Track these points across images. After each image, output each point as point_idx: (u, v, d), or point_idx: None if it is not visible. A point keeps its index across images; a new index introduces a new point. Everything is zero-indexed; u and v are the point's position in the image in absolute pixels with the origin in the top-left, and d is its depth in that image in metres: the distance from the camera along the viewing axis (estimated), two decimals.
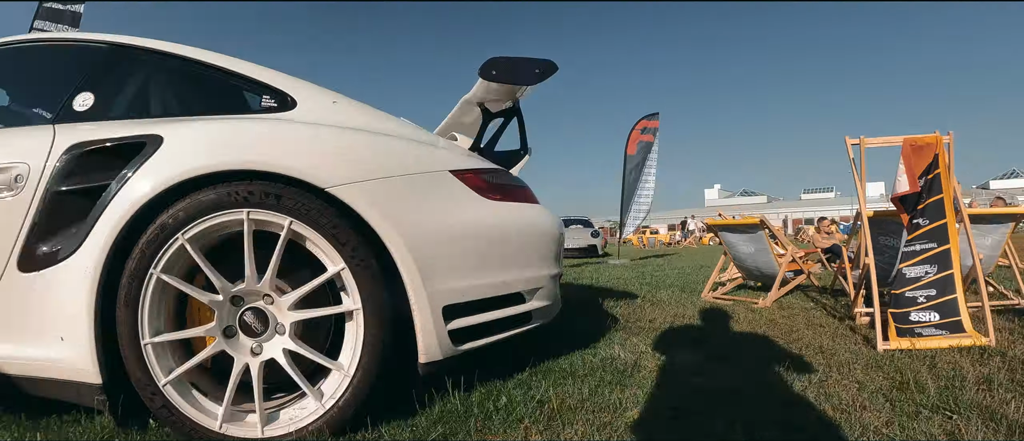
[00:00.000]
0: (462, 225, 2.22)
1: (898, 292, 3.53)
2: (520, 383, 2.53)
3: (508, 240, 2.37)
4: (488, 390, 2.39)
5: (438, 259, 2.09)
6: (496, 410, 2.15)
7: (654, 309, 4.87)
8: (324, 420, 1.90)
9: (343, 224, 1.93)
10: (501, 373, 2.63)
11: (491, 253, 2.30)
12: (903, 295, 3.50)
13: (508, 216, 2.41)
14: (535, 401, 2.26)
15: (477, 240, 2.25)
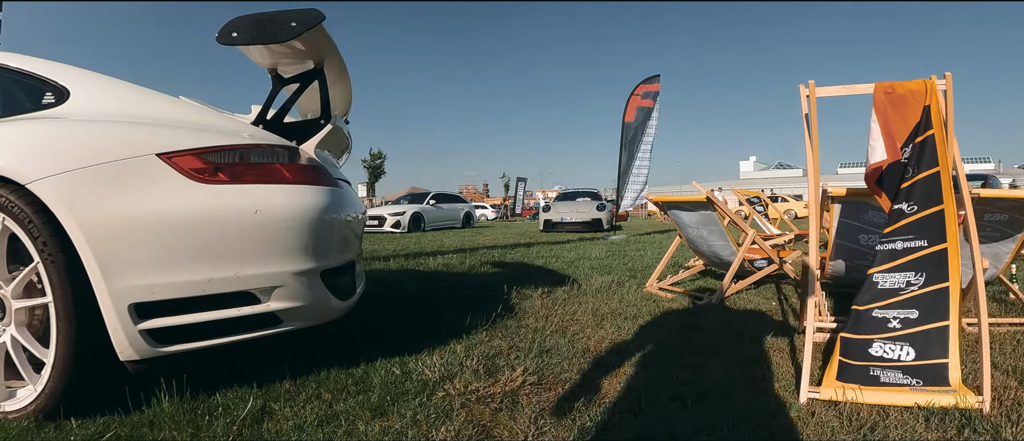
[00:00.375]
0: (157, 215, 2.11)
1: (861, 308, 2.52)
2: (277, 393, 2.41)
3: (223, 231, 2.19)
4: (231, 398, 2.33)
5: (122, 253, 2.05)
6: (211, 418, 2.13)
7: (561, 304, 4.30)
8: (36, 404, 2.09)
9: (38, 219, 2.03)
10: (269, 377, 2.57)
11: (195, 246, 2.15)
12: (867, 314, 2.49)
13: (228, 202, 2.22)
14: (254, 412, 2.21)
15: (175, 232, 2.12)
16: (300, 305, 2.38)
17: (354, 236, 2.92)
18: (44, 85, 2.53)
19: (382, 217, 18.38)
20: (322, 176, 2.56)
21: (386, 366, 2.70)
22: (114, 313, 2.03)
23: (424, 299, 4.53)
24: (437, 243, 11.83)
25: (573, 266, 6.75)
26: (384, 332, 3.40)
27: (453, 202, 22.28)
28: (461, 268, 6.70)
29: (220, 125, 2.52)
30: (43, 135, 2.22)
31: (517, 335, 3.28)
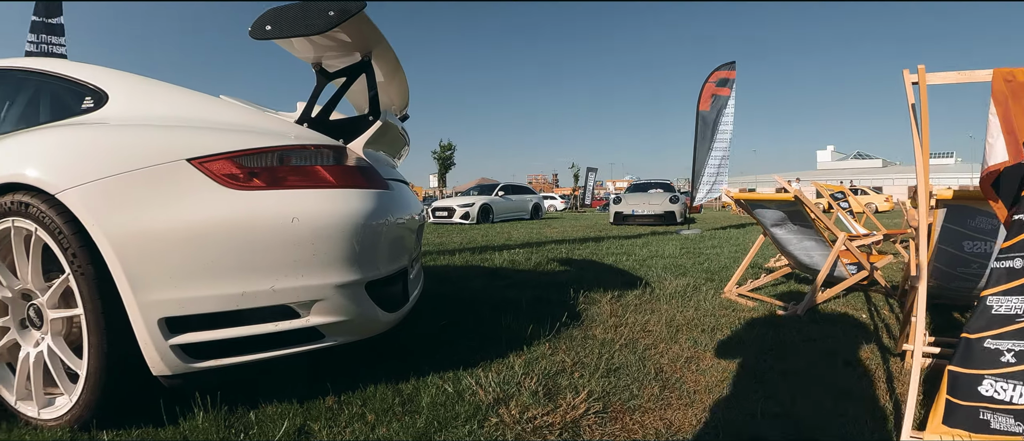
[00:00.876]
0: (186, 225, 1.96)
1: (972, 336, 2.09)
2: (319, 411, 2.23)
3: (257, 241, 2.01)
4: (270, 414, 2.20)
5: (151, 266, 1.93)
6: (245, 436, 2.04)
7: (632, 311, 3.93)
8: (71, 414, 2.05)
9: (68, 229, 1.96)
10: (314, 391, 2.41)
11: (227, 258, 1.98)
12: (979, 344, 2.07)
13: (263, 210, 2.04)
14: (291, 433, 2.07)
15: (205, 243, 1.96)
16: (343, 320, 2.19)
17: (408, 240, 2.72)
18: (84, 90, 2.48)
19: (451, 208, 18.40)
20: (371, 177, 2.36)
21: (438, 382, 2.49)
22: (144, 327, 1.93)
23: (486, 300, 4.29)
24: (504, 236, 11.65)
25: (645, 265, 6.36)
26: (440, 340, 3.19)
27: (522, 193, 21.90)
28: (527, 265, 6.45)
29: (261, 125, 2.36)
30: (73, 143, 2.15)
31: (583, 348, 2.99)
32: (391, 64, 2.87)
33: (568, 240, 10.13)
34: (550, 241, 9.92)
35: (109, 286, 1.94)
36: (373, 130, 2.51)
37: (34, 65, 2.75)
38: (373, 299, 2.29)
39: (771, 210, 4.33)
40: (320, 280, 2.08)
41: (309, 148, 2.22)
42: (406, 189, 3.06)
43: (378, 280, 2.31)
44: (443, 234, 12.62)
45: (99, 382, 1.98)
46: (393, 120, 2.72)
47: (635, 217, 15.99)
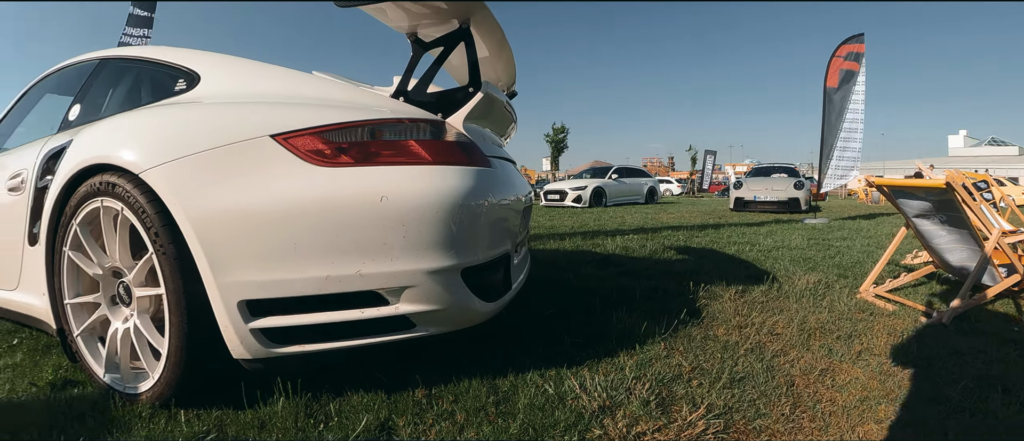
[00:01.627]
0: (268, 204, 1.85)
1: None
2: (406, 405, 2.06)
3: (343, 222, 1.86)
4: (354, 404, 2.06)
5: (231, 247, 1.84)
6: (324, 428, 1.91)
7: (759, 309, 3.45)
8: (152, 391, 2.03)
9: (151, 208, 1.92)
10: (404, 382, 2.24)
11: (310, 240, 1.85)
12: None
13: (350, 188, 1.88)
14: (373, 427, 1.91)
15: (288, 223, 1.84)
16: (436, 309, 1.99)
17: (513, 222, 2.49)
18: (177, 72, 2.50)
19: (563, 191, 18.21)
20: (471, 154, 2.14)
21: (538, 381, 2.24)
22: (224, 309, 1.85)
23: (597, 290, 3.97)
24: (618, 220, 11.28)
25: (770, 257, 5.75)
26: (544, 332, 2.92)
27: (636, 176, 21.25)
28: (641, 252, 6.04)
29: (353, 99, 2.21)
30: (156, 123, 2.14)
31: (702, 352, 2.62)
32: (494, 34, 2.63)
33: (685, 226, 9.57)
34: (666, 227, 9.42)
35: (190, 266, 1.87)
36: (474, 102, 2.28)
37: (131, 53, 2.84)
38: (470, 287, 2.08)
39: (918, 200, 3.75)
40: (411, 265, 1.91)
41: (403, 122, 2.04)
42: (512, 168, 2.83)
43: (476, 267, 2.10)
44: (554, 217, 12.41)
45: (180, 362, 1.93)
46: (497, 94, 2.49)
47: (757, 204, 15.00)
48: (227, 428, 1.91)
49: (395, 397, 2.10)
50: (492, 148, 2.58)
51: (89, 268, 2.20)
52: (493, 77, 3.24)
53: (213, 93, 2.32)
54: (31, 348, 2.97)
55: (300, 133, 1.92)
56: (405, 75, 2.30)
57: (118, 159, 2.01)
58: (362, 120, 1.98)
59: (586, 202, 17.69)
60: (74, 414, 2.04)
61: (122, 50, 2.95)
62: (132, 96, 2.78)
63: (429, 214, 1.90)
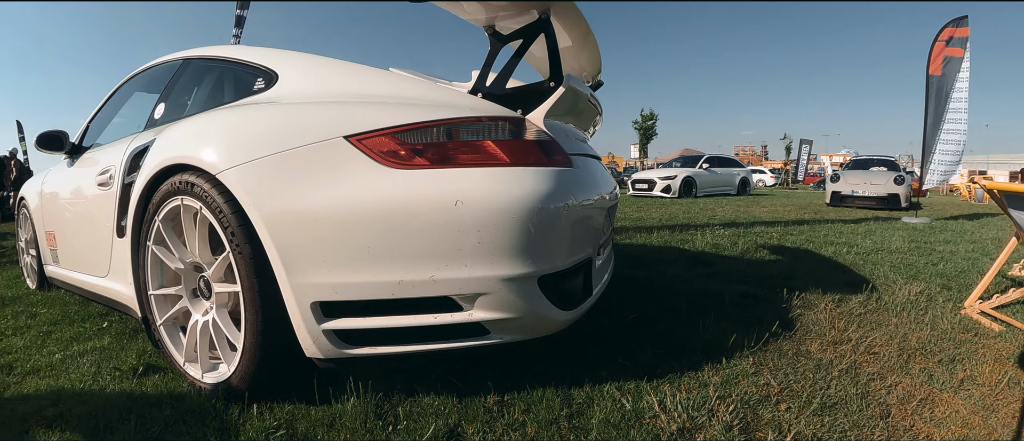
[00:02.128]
0: (342, 206, 1.82)
1: None
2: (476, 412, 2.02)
3: (417, 226, 1.81)
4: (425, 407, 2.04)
5: (304, 248, 1.84)
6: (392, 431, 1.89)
7: (855, 322, 3.14)
8: (226, 384, 2.08)
9: (228, 208, 1.95)
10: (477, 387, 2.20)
11: (384, 243, 1.81)
12: None
13: (424, 191, 1.83)
14: (441, 432, 1.87)
15: (361, 226, 1.81)
16: (511, 317, 1.92)
17: (596, 224, 2.36)
18: (256, 72, 2.55)
19: (652, 181, 17.81)
20: (552, 153, 2.04)
21: (615, 395, 2.12)
22: (297, 310, 1.86)
23: (683, 293, 3.77)
24: (708, 213, 10.90)
25: (869, 261, 5.29)
26: (626, 339, 2.78)
27: (728, 166, 20.27)
28: (732, 250, 5.76)
29: (430, 97, 2.15)
30: (233, 124, 2.18)
31: (793, 370, 2.42)
32: (577, 24, 2.51)
33: (779, 222, 9.09)
34: (759, 222, 8.99)
35: (265, 266, 1.89)
36: (555, 98, 2.15)
37: (213, 53, 2.92)
38: (547, 295, 1.99)
39: None
40: (485, 272, 1.83)
41: (481, 120, 1.96)
42: (597, 165, 2.70)
43: (554, 274, 2.00)
44: (642, 208, 12.15)
45: (254, 357, 1.96)
46: (580, 86, 2.36)
47: (854, 199, 13.97)
48: (297, 424, 1.93)
49: (466, 402, 2.05)
50: (575, 145, 2.48)
51: (171, 262, 2.28)
52: (577, 68, 3.13)
53: (291, 92, 2.33)
54: (119, 332, 3.13)
55: (375, 134, 1.89)
56: (483, 70, 2.24)
57: (197, 159, 2.05)
58: (438, 120, 1.92)
59: (675, 192, 17.25)
60: (152, 401, 2.13)
61: (204, 50, 3.04)
62: (214, 95, 2.85)
63: (505, 219, 1.83)
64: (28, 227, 4.40)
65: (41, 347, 2.96)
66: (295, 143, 1.92)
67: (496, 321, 1.91)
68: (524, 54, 2.27)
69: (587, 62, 3.04)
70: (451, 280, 1.82)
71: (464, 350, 1.96)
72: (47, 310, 3.78)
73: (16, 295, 4.38)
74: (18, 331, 3.29)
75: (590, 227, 2.26)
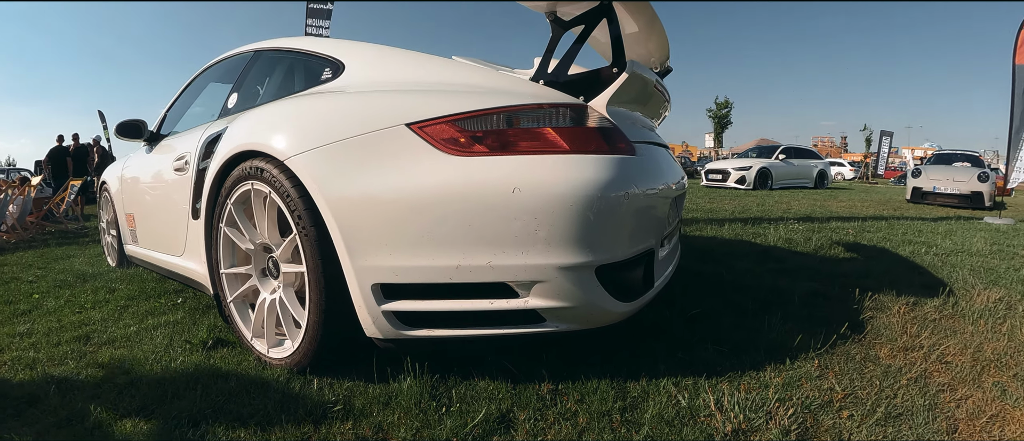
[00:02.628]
0: (402, 192, 1.87)
1: None
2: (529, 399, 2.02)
3: (475, 212, 1.83)
4: (478, 392, 2.06)
5: (366, 232, 1.90)
6: (444, 413, 1.91)
7: (929, 328, 2.91)
8: (291, 359, 2.19)
9: (295, 193, 2.03)
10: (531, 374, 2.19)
11: (443, 228, 1.84)
12: None
13: (482, 178, 1.84)
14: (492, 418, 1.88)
15: (421, 211, 1.86)
16: (567, 306, 1.91)
17: (659, 214, 2.33)
18: (324, 62, 2.64)
19: (726, 171, 17.49)
20: (614, 140, 2.01)
21: (671, 390, 2.08)
22: (358, 291, 1.93)
23: (750, 288, 3.68)
24: (783, 206, 10.60)
25: (948, 263, 4.96)
26: (687, 334, 2.72)
27: (805, 157, 19.65)
28: (805, 246, 5.55)
29: (491, 84, 2.17)
30: (301, 112, 2.28)
31: (860, 376, 2.31)
32: (641, 8, 2.47)
33: (856, 218, 8.69)
34: (835, 217, 8.64)
35: (329, 248, 1.97)
36: (618, 85, 2.10)
37: (283, 44, 3.04)
38: (605, 286, 1.97)
39: None
40: (542, 259, 1.83)
41: (542, 107, 1.95)
42: (663, 153, 2.68)
43: (613, 264, 1.97)
44: (715, 199, 11.89)
45: (317, 334, 2.05)
46: (645, 73, 2.31)
47: (936, 195, 13.22)
48: (354, 400, 2.01)
49: (520, 388, 2.07)
50: (641, 132, 2.45)
51: (242, 243, 2.40)
52: (644, 54, 3.08)
53: (357, 81, 2.41)
54: (192, 308, 3.32)
55: (436, 121, 1.92)
56: (545, 56, 2.22)
57: (266, 146, 2.15)
58: (498, 107, 1.92)
59: (750, 184, 16.89)
60: (219, 373, 2.26)
61: (275, 41, 3.15)
62: (284, 85, 2.97)
63: (562, 208, 1.81)
64: (109, 209, 4.67)
65: (118, 320, 3.16)
66: (359, 130, 1.97)
67: (552, 309, 1.91)
68: (586, 40, 2.24)
69: (656, 48, 2.99)
70: (508, 267, 1.84)
71: (520, 336, 1.98)
72: (125, 286, 4.04)
73: (97, 271, 4.70)
74: (97, 305, 3.53)
75: (653, 217, 2.23)
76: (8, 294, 4.00)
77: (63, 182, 11.76)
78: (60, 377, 2.33)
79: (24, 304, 3.66)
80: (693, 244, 5.52)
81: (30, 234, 8.34)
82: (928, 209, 11.75)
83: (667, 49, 3.06)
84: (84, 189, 11.49)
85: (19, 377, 2.37)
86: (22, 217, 8.65)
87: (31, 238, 7.98)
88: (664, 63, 3.25)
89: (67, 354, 2.61)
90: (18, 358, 2.59)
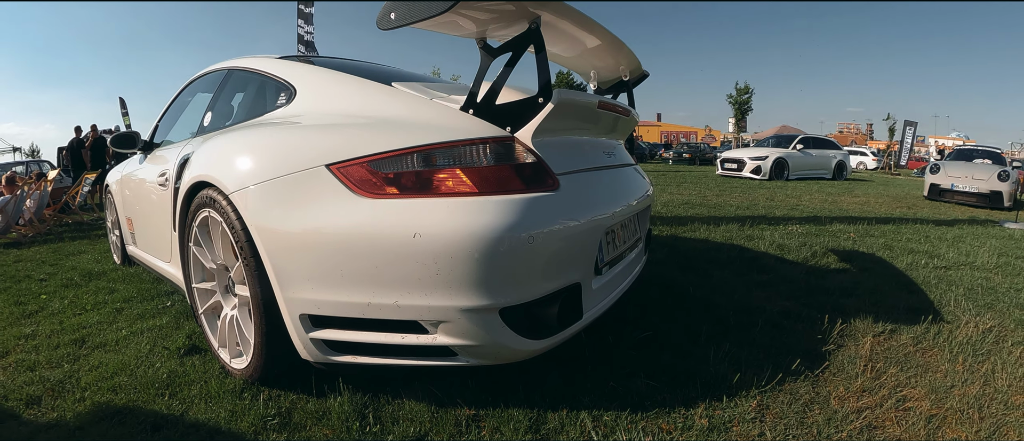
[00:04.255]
0: (320, 231, 1.96)
1: None
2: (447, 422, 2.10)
3: (381, 254, 1.88)
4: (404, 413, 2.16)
5: (291, 266, 2.03)
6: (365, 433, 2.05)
7: (898, 363, 2.73)
8: (246, 371, 2.36)
9: (238, 225, 2.17)
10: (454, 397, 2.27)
11: (354, 267, 1.92)
12: None
13: (387, 221, 1.87)
14: None
15: (335, 250, 1.93)
16: (473, 344, 1.97)
17: (590, 247, 2.25)
18: (280, 85, 2.78)
19: (741, 161, 17.35)
20: (534, 176, 2.04)
21: (587, 425, 2.09)
22: (289, 318, 2.11)
23: (718, 307, 3.54)
24: (792, 201, 10.49)
25: (945, 278, 4.64)
26: (627, 361, 2.65)
27: (823, 148, 19.44)
28: (797, 254, 5.36)
29: (421, 117, 2.19)
30: (245, 145, 2.43)
31: (799, 421, 2.18)
32: (581, 24, 2.43)
33: (864, 219, 8.38)
34: (841, 217, 8.40)
35: (266, 278, 2.14)
36: (543, 115, 2.04)
37: (249, 64, 3.18)
38: (512, 326, 2.00)
39: None
40: (444, 301, 1.90)
41: (460, 144, 1.98)
42: (614, 176, 2.66)
43: (519, 306, 1.98)
44: (724, 192, 11.74)
45: (261, 354, 2.26)
46: (578, 97, 2.26)
47: (953, 194, 12.65)
48: (294, 414, 2.21)
49: (441, 412, 2.21)
50: (586, 158, 2.48)
51: (206, 262, 2.62)
52: (611, 65, 3.07)
53: (303, 110, 2.57)
54: (178, 312, 3.55)
55: (351, 163, 2.00)
56: (475, 83, 2.12)
57: (217, 179, 2.32)
58: (414, 146, 1.98)
59: (766, 174, 16.82)
60: (187, 380, 2.51)
61: (244, 60, 3.28)
62: (251, 105, 3.11)
63: (460, 252, 1.84)
64: (113, 210, 4.96)
65: (112, 323, 3.42)
66: (287, 170, 2.11)
67: (460, 346, 1.98)
68: (513, 66, 2.16)
69: (623, 59, 2.99)
70: (413, 306, 1.92)
71: (436, 368, 2.10)
72: (124, 287, 4.31)
73: (102, 270, 5.03)
74: (96, 306, 3.80)
75: (579, 251, 2.20)
76: (19, 294, 4.33)
77: (80, 174, 12.41)
78: (55, 381, 2.58)
79: (32, 305, 3.97)
80: (680, 247, 5.54)
81: (47, 227, 8.85)
82: (945, 208, 11.37)
83: (633, 58, 3.04)
84: (101, 180, 11.82)
85: (20, 380, 2.63)
86: (39, 211, 9.23)
87: (47, 232, 8.44)
88: (636, 72, 3.23)
89: (63, 357, 2.89)
90: (21, 360, 2.87)
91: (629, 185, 2.77)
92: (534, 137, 2.06)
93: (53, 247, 6.61)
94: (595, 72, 3.27)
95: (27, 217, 8.46)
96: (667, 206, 9.47)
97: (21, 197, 8.43)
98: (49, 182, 10.30)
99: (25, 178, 11.54)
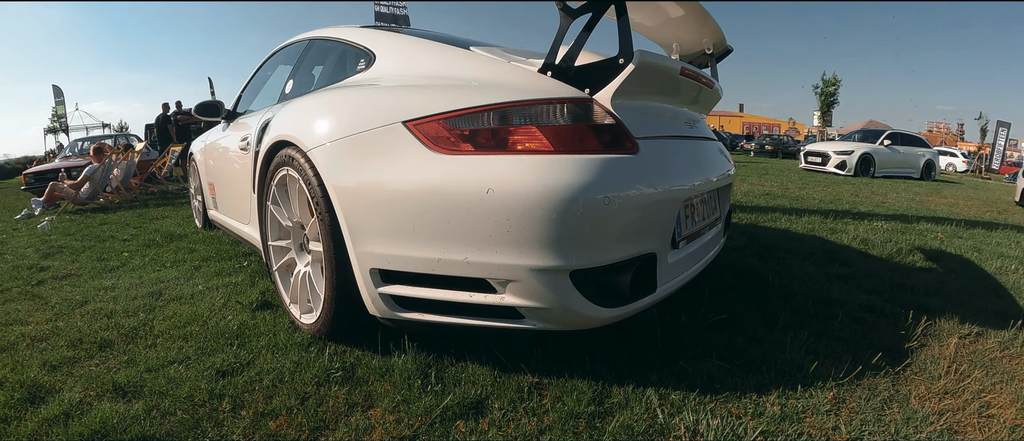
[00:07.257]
0: (395, 187, 1.99)
1: None
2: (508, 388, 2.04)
3: (454, 210, 1.88)
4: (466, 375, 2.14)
5: (365, 221, 2.07)
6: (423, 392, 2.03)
7: (984, 367, 2.47)
8: (314, 326, 2.44)
9: (314, 182, 2.24)
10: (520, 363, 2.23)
11: (426, 223, 1.93)
12: None
13: (461, 177, 1.87)
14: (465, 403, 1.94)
15: (408, 206, 1.96)
16: (540, 307, 1.94)
17: (668, 216, 2.18)
18: (360, 52, 2.85)
19: (825, 155, 16.72)
20: (612, 137, 1.97)
21: (653, 402, 1.99)
22: (360, 273, 2.17)
23: (796, 296, 3.35)
24: (878, 198, 9.92)
25: None
26: (699, 341, 2.53)
27: (912, 145, 18.35)
28: (881, 251, 5.01)
29: (497, 78, 2.19)
30: (326, 105, 2.49)
31: (876, 416, 2.02)
32: None
33: (952, 220, 7.74)
34: (928, 217, 7.81)
35: (339, 234, 2.21)
36: (624, 76, 1.98)
37: (330, 34, 3.28)
38: (582, 290, 1.95)
39: None
40: (514, 260, 1.88)
41: (536, 103, 1.95)
42: (692, 147, 2.56)
43: (591, 270, 1.93)
44: (808, 185, 11.28)
45: (331, 309, 2.33)
46: (662, 62, 2.20)
47: None
48: (357, 369, 2.25)
49: (503, 378, 2.18)
50: (667, 126, 2.41)
51: (282, 220, 2.73)
52: (695, 39, 3.02)
53: (383, 73, 2.61)
54: (253, 272, 3.71)
55: (428, 119, 2.02)
56: (553, 45, 2.07)
57: (296, 137, 2.40)
58: (490, 104, 1.97)
59: (850, 169, 16.22)
60: (256, 332, 2.62)
61: (326, 30, 3.40)
62: (330, 72, 3.22)
63: (533, 210, 1.82)
64: (196, 176, 5.23)
65: (189, 279, 3.60)
66: (365, 127, 2.17)
67: (528, 308, 1.96)
68: (593, 28, 2.10)
69: (708, 32, 2.92)
70: (483, 264, 1.92)
71: (502, 330, 2.09)
72: (204, 247, 4.54)
73: (183, 233, 5.29)
74: (175, 264, 4.03)
75: (656, 218, 2.13)
76: (103, 251, 4.63)
77: (166, 147, 13.08)
78: (129, 328, 2.74)
79: (114, 261, 4.24)
80: (759, 236, 5.32)
81: (133, 195, 9.46)
82: None
83: (718, 31, 2.95)
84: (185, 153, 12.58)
85: (96, 325, 2.80)
86: (126, 180, 9.89)
87: (133, 199, 8.99)
88: (719, 46, 3.13)
89: (140, 307, 3.06)
90: (99, 309, 3.06)
91: (712, 159, 2.71)
92: (613, 100, 2.01)
93: (138, 212, 7.03)
94: (678, 44, 3.19)
95: (114, 185, 9.03)
96: (747, 195, 9.17)
97: (109, 166, 8.94)
98: (136, 153, 10.98)
99: (113, 148, 12.29)
